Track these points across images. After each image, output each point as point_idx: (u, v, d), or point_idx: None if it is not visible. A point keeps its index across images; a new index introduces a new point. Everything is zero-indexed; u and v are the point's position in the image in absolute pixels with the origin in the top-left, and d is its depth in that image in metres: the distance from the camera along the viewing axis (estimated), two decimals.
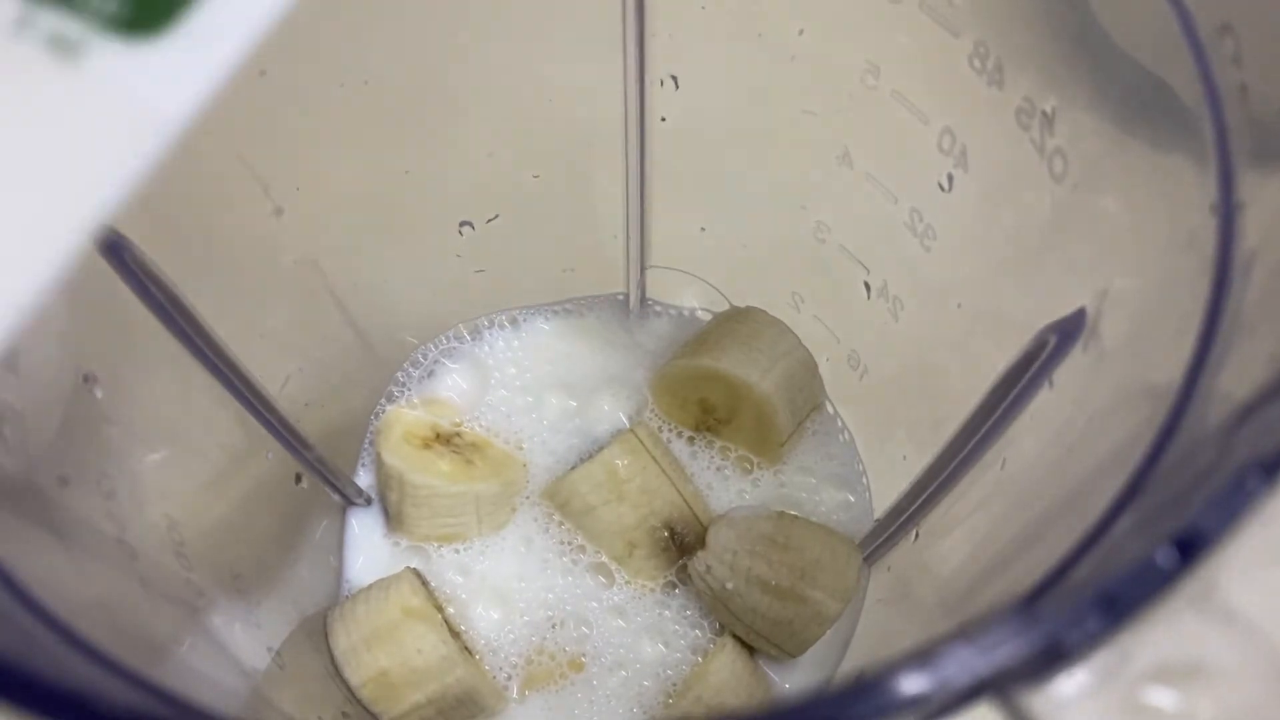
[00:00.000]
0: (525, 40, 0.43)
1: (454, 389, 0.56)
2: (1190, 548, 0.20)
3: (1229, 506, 0.20)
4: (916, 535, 0.47)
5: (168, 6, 0.20)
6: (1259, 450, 0.20)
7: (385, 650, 0.46)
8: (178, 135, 0.20)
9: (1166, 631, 0.20)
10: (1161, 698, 0.21)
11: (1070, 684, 0.21)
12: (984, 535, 0.38)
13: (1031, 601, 0.23)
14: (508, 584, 0.52)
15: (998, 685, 0.20)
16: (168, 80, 0.20)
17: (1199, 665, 0.21)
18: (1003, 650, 0.19)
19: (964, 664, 0.19)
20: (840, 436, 0.55)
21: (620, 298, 0.58)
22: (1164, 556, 0.20)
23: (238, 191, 0.41)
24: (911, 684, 0.19)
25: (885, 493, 0.52)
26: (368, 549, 0.53)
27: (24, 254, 0.19)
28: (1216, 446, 0.23)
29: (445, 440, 0.53)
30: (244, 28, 0.21)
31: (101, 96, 0.20)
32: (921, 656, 0.19)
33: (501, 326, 0.57)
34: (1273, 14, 0.27)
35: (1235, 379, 0.25)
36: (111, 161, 0.20)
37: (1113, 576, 0.20)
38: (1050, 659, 0.20)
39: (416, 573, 0.51)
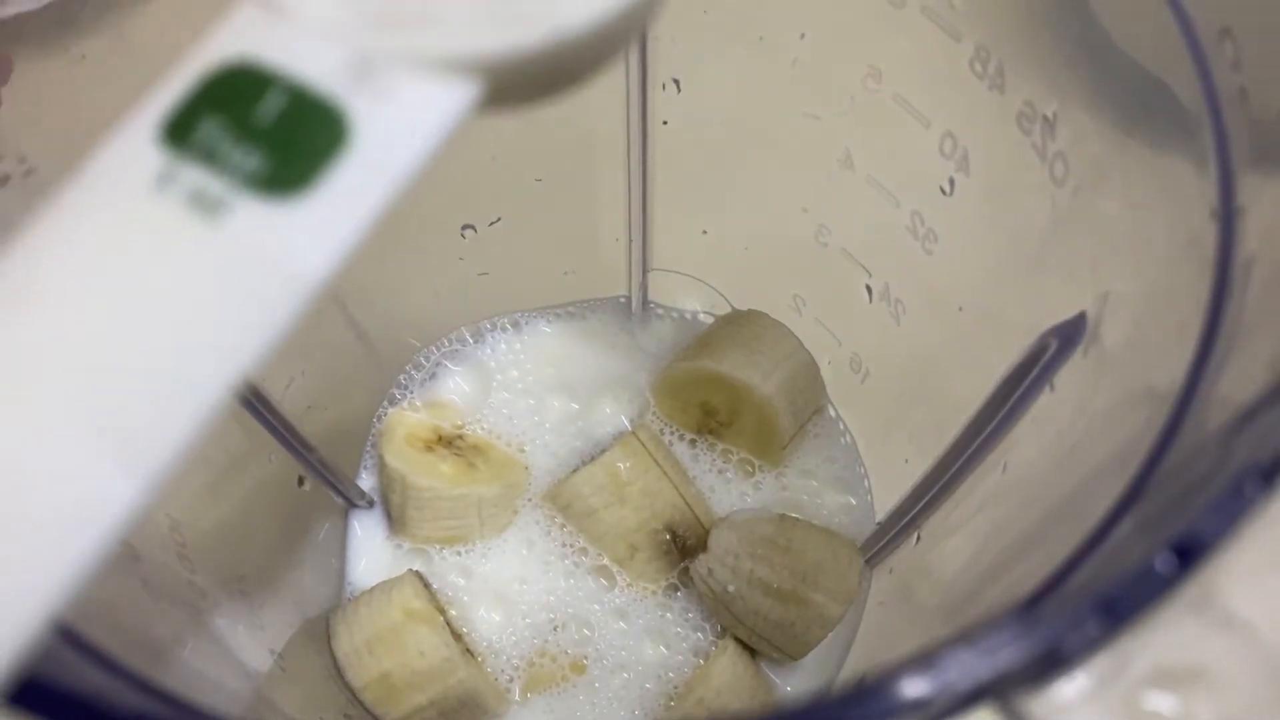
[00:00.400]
0: None
1: (456, 391, 0.56)
2: (1189, 553, 0.20)
3: (1227, 512, 0.20)
4: (918, 538, 0.47)
5: (310, 164, 0.20)
6: (1258, 455, 0.20)
7: (387, 652, 0.46)
8: (308, 294, 0.20)
9: (1166, 636, 0.20)
10: (1161, 702, 0.21)
11: (1070, 688, 0.21)
12: (985, 538, 0.38)
13: (1032, 606, 0.23)
14: (509, 586, 0.52)
15: (998, 689, 0.20)
16: (306, 241, 0.20)
17: (1198, 669, 0.21)
18: (1003, 654, 0.19)
19: (965, 668, 0.19)
20: (842, 439, 0.55)
21: (622, 300, 0.58)
22: (1163, 561, 0.19)
23: None
24: (913, 687, 0.19)
25: (887, 495, 0.52)
26: (370, 551, 0.53)
27: (161, 410, 0.19)
28: (1216, 450, 0.23)
29: (447, 443, 0.53)
30: (382, 185, 0.20)
31: (239, 256, 0.19)
32: (922, 660, 0.19)
33: (504, 329, 0.57)
34: (1272, 18, 0.27)
35: (1235, 383, 0.25)
36: (246, 322, 0.19)
37: (1112, 581, 0.20)
38: (1050, 663, 0.20)
39: (419, 575, 0.51)
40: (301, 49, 0.21)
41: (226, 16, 0.21)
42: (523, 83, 0.22)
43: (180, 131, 0.20)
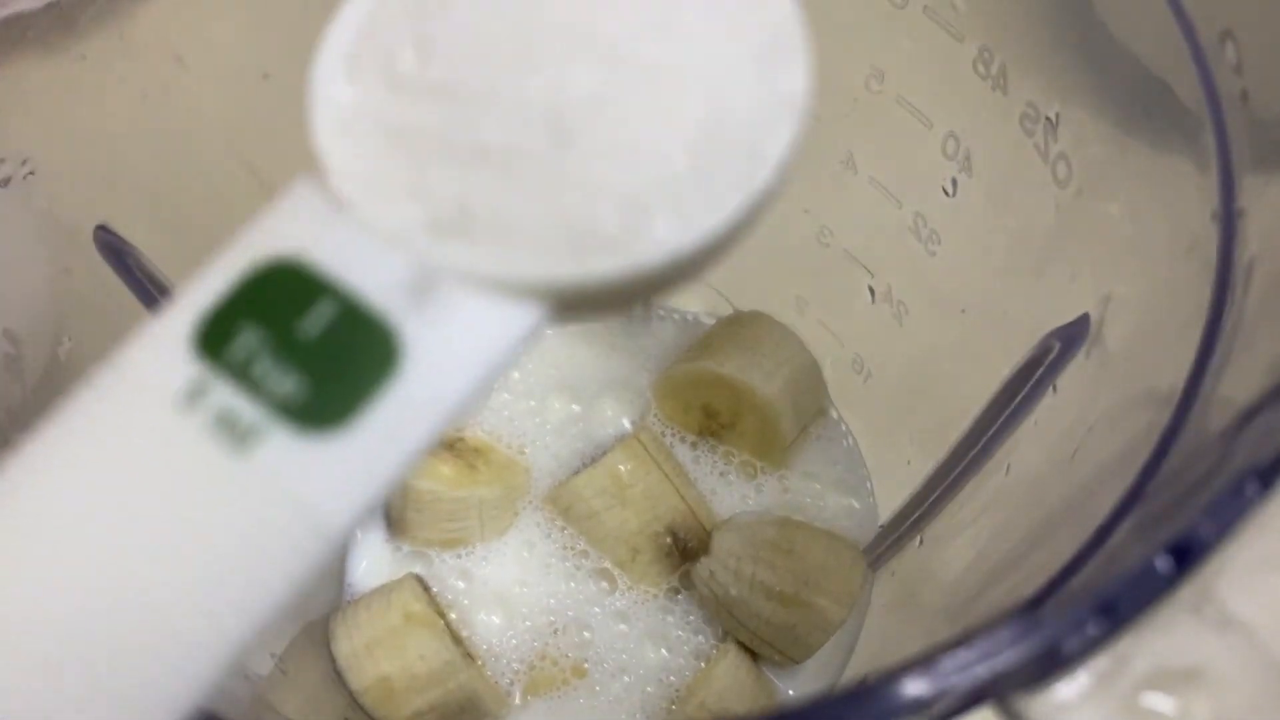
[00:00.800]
0: None
1: None
2: (1188, 554, 0.20)
3: (1226, 513, 0.20)
4: (921, 541, 0.46)
5: (353, 394, 0.18)
6: (1257, 457, 0.20)
7: (387, 656, 0.46)
8: (338, 542, 0.18)
9: (1165, 637, 0.20)
10: (1159, 702, 0.21)
11: (1070, 688, 0.21)
12: (988, 540, 0.38)
13: (1033, 607, 0.23)
14: (510, 589, 0.52)
15: (998, 690, 0.20)
16: (337, 485, 0.18)
17: (1197, 670, 0.21)
18: (1003, 655, 0.19)
19: (965, 669, 0.19)
20: (844, 441, 0.55)
21: None
22: (1162, 563, 0.20)
23: (239, 192, 0.41)
24: (913, 688, 0.19)
25: (890, 498, 0.52)
26: (369, 554, 0.53)
27: (158, 672, 0.17)
28: (1217, 452, 0.23)
29: (448, 445, 0.53)
30: (428, 420, 0.19)
31: (262, 496, 0.18)
32: (923, 661, 0.19)
33: None
34: (1274, 20, 0.27)
35: (1236, 384, 0.25)
36: (265, 564, 0.18)
37: (1112, 582, 0.20)
38: (1050, 664, 0.20)
39: (418, 578, 0.51)
40: (360, 254, 0.19)
41: (282, 200, 0.20)
42: (592, 305, 0.21)
43: (216, 338, 0.18)
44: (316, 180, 0.20)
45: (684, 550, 0.51)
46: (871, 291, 0.48)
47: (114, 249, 0.34)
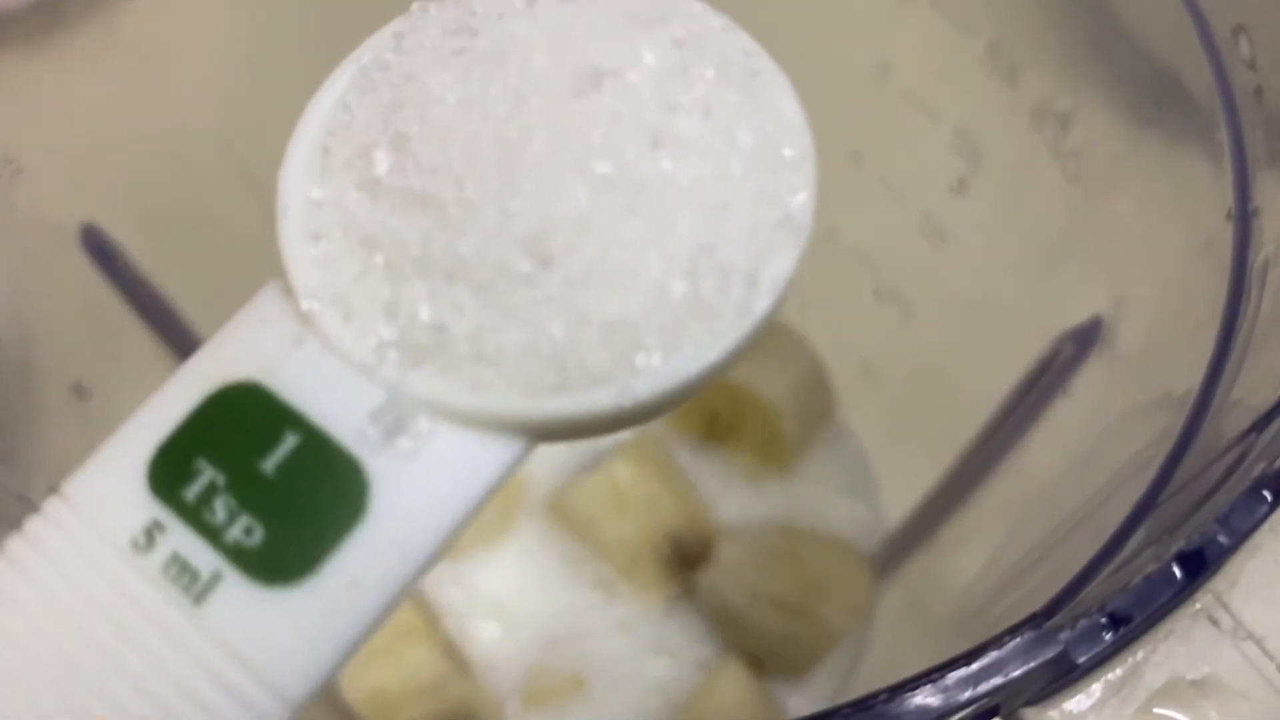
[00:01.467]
0: None
1: None
2: (1203, 563, 0.20)
3: (1242, 521, 0.20)
4: (930, 549, 0.46)
5: (312, 545, 0.17)
6: (1272, 464, 0.20)
7: (382, 666, 0.46)
8: (293, 706, 0.17)
9: (1179, 647, 0.20)
10: (1173, 714, 0.21)
11: (1081, 699, 0.21)
12: (998, 548, 0.37)
13: (1045, 617, 0.23)
14: (507, 598, 0.52)
15: (1009, 702, 0.20)
16: (292, 643, 0.17)
17: (1211, 681, 0.21)
18: (1014, 666, 0.19)
19: (973, 680, 0.19)
20: (851, 445, 0.54)
21: None
22: (1176, 571, 0.20)
23: (228, 192, 0.41)
24: (922, 699, 0.19)
25: (897, 504, 0.51)
26: None
27: None
28: (1232, 457, 0.23)
29: None
30: (398, 570, 0.18)
31: (214, 648, 0.17)
32: (932, 673, 0.19)
33: None
34: None
35: (1250, 387, 0.25)
36: None
37: (1125, 592, 0.20)
38: (1062, 675, 0.20)
39: None
40: (326, 379, 0.18)
41: (246, 314, 0.19)
42: (576, 433, 0.20)
43: (172, 473, 0.17)
44: (283, 290, 0.19)
45: (685, 558, 0.51)
46: (877, 292, 0.48)
47: (100, 249, 0.34)
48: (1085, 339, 0.34)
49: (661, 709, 0.49)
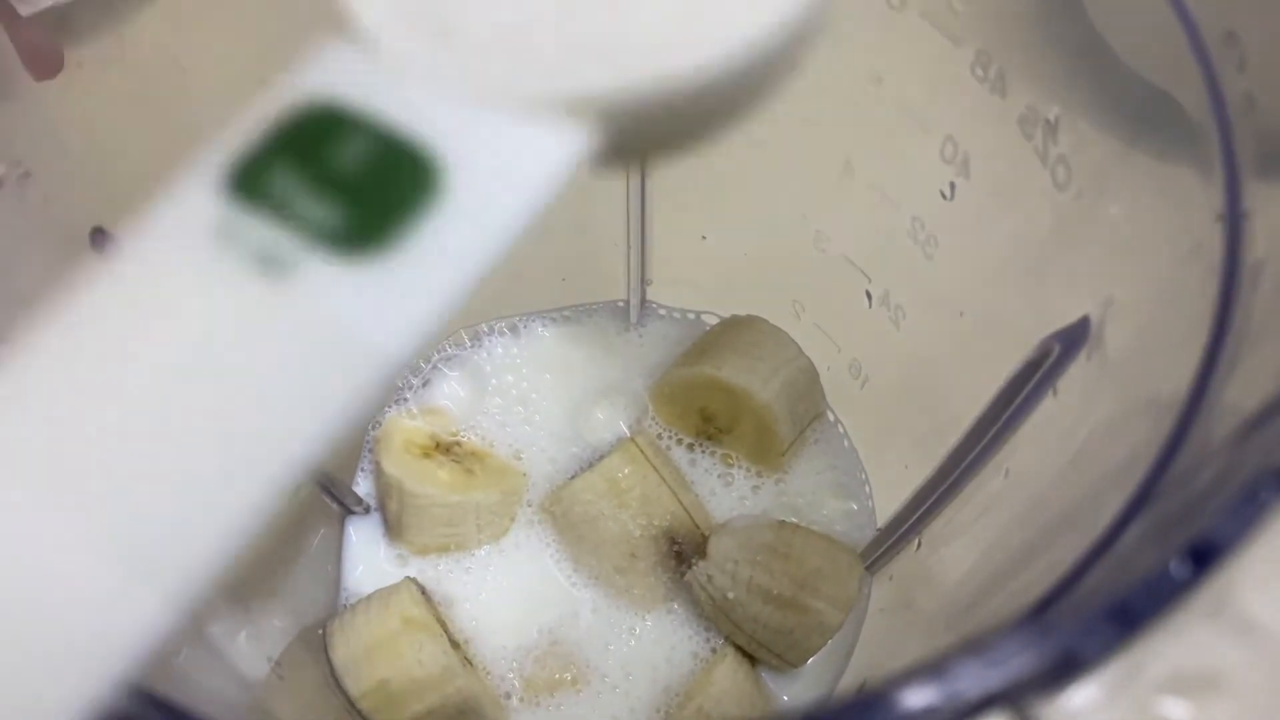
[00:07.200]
0: None
1: (452, 396, 0.56)
2: (1204, 558, 0.19)
3: (1242, 516, 0.20)
4: (919, 545, 0.46)
5: (395, 217, 0.18)
6: (1271, 460, 0.20)
7: (385, 661, 0.46)
8: (392, 369, 0.17)
9: (1180, 642, 0.20)
10: (1175, 708, 0.21)
11: (1082, 695, 0.21)
12: (988, 545, 0.38)
13: (1041, 613, 0.23)
14: (507, 594, 0.52)
15: (1009, 697, 0.19)
16: (387, 310, 0.17)
17: (1213, 675, 0.21)
18: (1015, 662, 0.19)
19: (975, 676, 0.19)
20: (842, 445, 0.55)
21: (620, 305, 0.58)
22: (1178, 567, 0.19)
23: None
24: (922, 696, 0.19)
25: (887, 501, 0.52)
26: (366, 558, 0.53)
27: (204, 521, 0.17)
28: (1225, 458, 0.23)
29: (445, 449, 0.52)
30: (479, 245, 0.18)
31: (307, 326, 0.17)
32: (932, 667, 0.19)
33: (501, 333, 0.57)
34: (1278, 21, 0.27)
35: (1242, 390, 0.25)
36: (316, 397, 0.17)
37: (1126, 587, 0.20)
38: (1064, 670, 0.19)
39: (416, 582, 0.51)
40: (394, 92, 0.18)
41: (309, 54, 0.19)
42: (640, 133, 0.20)
43: (249, 181, 0.18)
44: (342, 35, 0.19)
45: (681, 554, 0.51)
46: (869, 296, 0.48)
47: (102, 242, 0.34)
48: (1073, 340, 0.34)
49: (658, 701, 0.49)
